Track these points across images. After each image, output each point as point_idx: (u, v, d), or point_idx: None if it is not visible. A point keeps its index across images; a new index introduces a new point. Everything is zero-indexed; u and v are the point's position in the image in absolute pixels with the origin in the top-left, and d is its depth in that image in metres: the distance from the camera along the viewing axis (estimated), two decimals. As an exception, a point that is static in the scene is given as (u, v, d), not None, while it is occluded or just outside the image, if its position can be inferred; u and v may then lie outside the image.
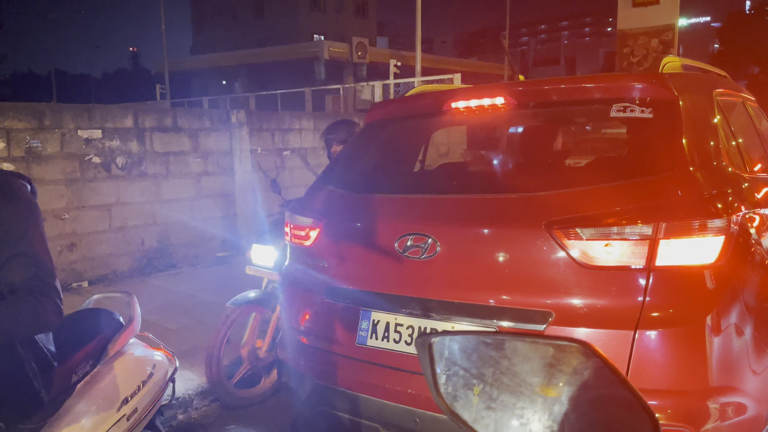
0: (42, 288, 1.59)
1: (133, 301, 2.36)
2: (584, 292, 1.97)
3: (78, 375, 1.97)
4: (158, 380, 2.29)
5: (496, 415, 0.71)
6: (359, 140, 3.10)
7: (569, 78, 2.52)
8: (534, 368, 0.69)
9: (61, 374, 1.86)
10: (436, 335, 0.77)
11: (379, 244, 2.39)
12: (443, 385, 0.75)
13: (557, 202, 2.08)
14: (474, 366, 0.73)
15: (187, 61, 37.39)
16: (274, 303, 3.68)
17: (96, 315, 2.27)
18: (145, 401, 2.16)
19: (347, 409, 2.40)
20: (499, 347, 0.72)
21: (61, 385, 1.86)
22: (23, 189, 1.68)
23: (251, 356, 3.65)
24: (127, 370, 2.17)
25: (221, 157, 7.76)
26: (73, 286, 6.13)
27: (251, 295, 3.66)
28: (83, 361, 2.01)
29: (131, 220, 6.71)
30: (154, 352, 2.39)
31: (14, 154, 5.71)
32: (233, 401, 3.60)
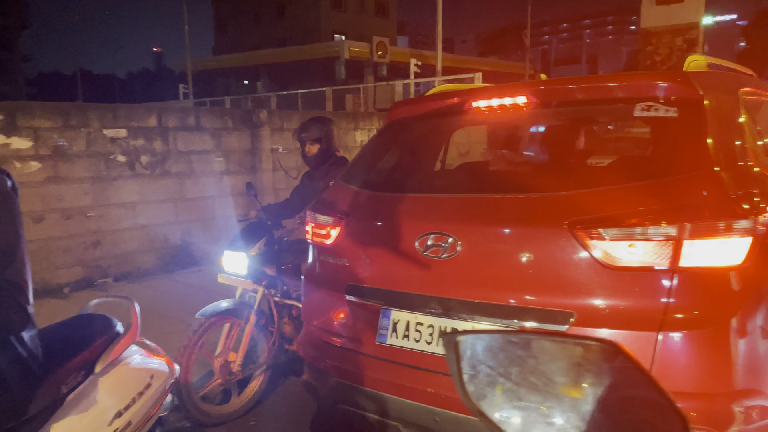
0: (6, 286, 1.50)
1: (133, 307, 2.23)
2: (607, 292, 1.96)
3: (68, 386, 1.83)
4: (156, 391, 2.17)
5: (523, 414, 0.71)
6: (380, 139, 3.11)
7: (592, 77, 2.50)
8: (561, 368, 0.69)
9: (48, 385, 1.74)
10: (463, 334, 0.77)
11: (400, 243, 2.39)
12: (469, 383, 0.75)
13: (580, 202, 2.07)
14: (500, 365, 0.73)
15: (210, 61, 37.76)
16: (249, 313, 3.47)
17: (92, 321, 2.13)
18: (140, 414, 2.05)
19: (367, 407, 2.41)
20: (526, 346, 0.72)
21: (48, 396, 1.74)
22: (1, 182, 1.58)
23: (224, 371, 3.38)
24: (123, 380, 2.04)
25: (243, 156, 7.83)
26: (98, 282, 6.24)
27: (223, 305, 3.40)
28: (74, 371, 1.87)
29: (155, 217, 6.80)
30: (154, 361, 2.26)
31: (41, 152, 5.82)
32: (202, 418, 3.29)
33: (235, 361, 3.42)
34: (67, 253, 6.08)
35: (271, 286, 3.65)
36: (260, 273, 3.55)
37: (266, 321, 3.60)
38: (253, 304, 3.52)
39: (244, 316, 3.48)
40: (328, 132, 3.99)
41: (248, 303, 3.56)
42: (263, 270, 3.57)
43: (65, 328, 2.07)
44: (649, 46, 13.47)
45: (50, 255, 5.95)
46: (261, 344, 3.64)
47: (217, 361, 3.39)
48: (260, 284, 3.55)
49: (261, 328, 3.57)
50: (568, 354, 0.67)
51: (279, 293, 3.71)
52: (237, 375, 3.44)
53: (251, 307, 3.50)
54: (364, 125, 9.93)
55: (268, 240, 3.65)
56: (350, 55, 27.80)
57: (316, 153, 3.97)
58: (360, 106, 19.17)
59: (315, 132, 3.95)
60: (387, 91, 18.00)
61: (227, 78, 40.69)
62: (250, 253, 3.52)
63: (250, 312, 3.48)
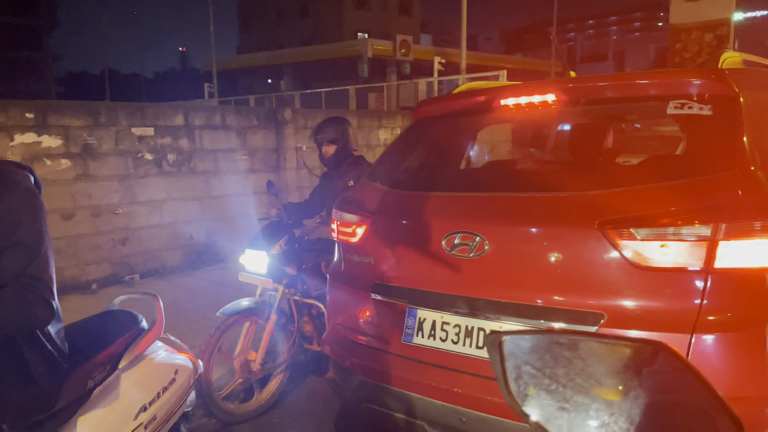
0: (31, 282, 1.51)
1: (158, 303, 2.25)
2: (638, 293, 1.93)
3: (94, 380, 1.87)
4: (181, 386, 2.19)
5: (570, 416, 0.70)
6: (406, 137, 3.10)
7: (623, 74, 2.46)
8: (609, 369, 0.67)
9: (75, 379, 1.77)
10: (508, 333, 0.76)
11: (426, 241, 2.38)
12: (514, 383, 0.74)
13: (610, 201, 2.04)
14: (546, 365, 0.72)
15: (234, 60, 38.09)
16: (269, 312, 3.48)
17: (117, 317, 2.16)
18: (165, 408, 2.07)
19: (392, 406, 2.41)
20: (573, 347, 0.71)
21: (75, 391, 1.77)
22: (24, 179, 1.61)
23: (244, 369, 3.41)
24: (148, 375, 2.07)
25: (267, 154, 7.89)
26: (125, 278, 6.33)
27: (244, 304, 3.42)
28: (100, 365, 1.90)
29: (181, 215, 6.88)
30: (178, 356, 2.28)
31: (71, 150, 5.93)
32: (223, 416, 3.33)
33: (255, 360, 3.43)
34: (96, 250, 6.19)
35: (291, 285, 3.66)
36: (280, 272, 3.56)
37: (286, 320, 3.61)
38: (273, 303, 3.52)
39: (264, 315, 3.49)
40: (344, 132, 3.97)
41: (268, 302, 3.56)
42: (283, 269, 3.57)
43: (92, 324, 2.09)
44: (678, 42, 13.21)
45: (79, 251, 6.06)
46: (281, 343, 3.64)
47: (237, 360, 3.41)
48: (280, 283, 3.55)
49: (281, 327, 3.57)
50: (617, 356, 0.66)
51: (299, 292, 3.71)
52: (257, 374, 3.46)
53: (271, 306, 3.50)
54: (387, 124, 9.93)
55: (288, 239, 3.65)
56: (373, 53, 27.80)
57: (333, 154, 3.97)
58: (383, 105, 19.16)
59: (331, 133, 3.95)
60: (410, 90, 17.98)
61: (251, 77, 41.02)
62: (271, 252, 3.53)
63: (271, 311, 3.48)
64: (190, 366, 2.29)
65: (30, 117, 5.63)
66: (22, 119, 5.59)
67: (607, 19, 72.85)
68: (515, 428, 2.03)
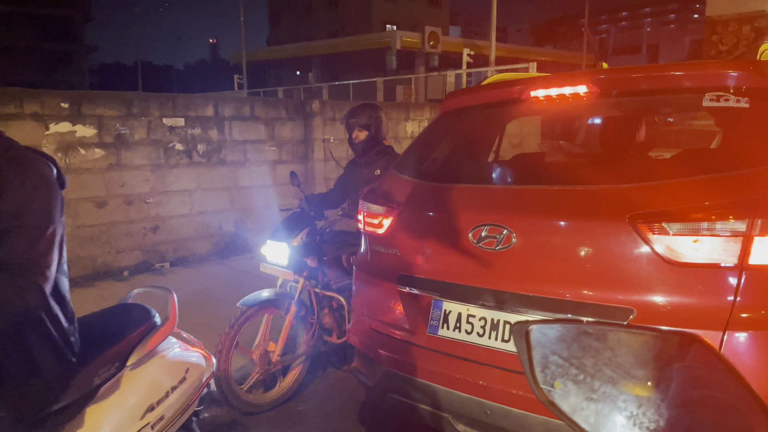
0: (26, 266, 1.47)
1: (171, 299, 2.19)
2: (669, 289, 1.89)
3: (101, 377, 1.81)
4: (191, 385, 2.13)
5: (597, 406, 0.69)
6: (434, 129, 3.08)
7: (657, 65, 2.40)
8: (639, 360, 0.66)
9: (82, 375, 1.72)
10: (535, 323, 0.75)
11: (453, 234, 2.37)
12: (540, 373, 0.74)
13: (642, 195, 2.00)
14: (574, 355, 0.72)
15: (263, 52, 38.32)
16: (289, 303, 3.48)
17: (129, 312, 2.09)
18: (173, 408, 2.01)
19: (417, 397, 2.41)
20: (602, 337, 0.70)
21: (81, 387, 1.72)
22: (43, 166, 1.58)
23: (263, 360, 3.40)
24: (157, 373, 2.01)
25: (295, 145, 7.94)
26: (156, 266, 6.46)
27: (264, 295, 3.41)
28: (108, 362, 1.84)
29: (210, 205, 6.98)
30: (191, 354, 2.22)
31: (105, 140, 6.05)
32: (243, 407, 3.33)
33: (275, 351, 3.43)
34: (128, 238, 6.32)
35: (311, 277, 3.65)
36: (301, 264, 3.56)
37: (306, 312, 3.61)
38: (293, 295, 3.52)
39: (285, 307, 3.48)
40: (377, 119, 3.95)
41: (289, 293, 3.56)
42: (304, 261, 3.56)
43: (103, 317, 2.04)
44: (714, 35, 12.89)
45: (112, 239, 6.19)
46: (300, 335, 3.65)
47: (257, 351, 3.41)
48: (301, 275, 3.55)
49: (301, 319, 3.58)
50: (647, 347, 0.65)
51: (319, 284, 3.71)
52: (276, 365, 3.46)
53: (292, 298, 3.50)
54: (415, 116, 9.90)
55: (310, 231, 3.64)
56: (402, 45, 27.69)
57: (364, 140, 3.95)
58: (411, 97, 19.10)
59: (364, 118, 3.92)
60: (438, 82, 17.87)
61: (280, 69, 41.24)
62: (292, 243, 3.52)
63: (291, 302, 3.48)
64: (203, 364, 2.23)
65: (65, 107, 5.76)
66: (58, 109, 5.72)
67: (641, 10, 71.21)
68: (540, 422, 2.02)
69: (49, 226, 1.52)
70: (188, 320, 4.65)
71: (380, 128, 3.97)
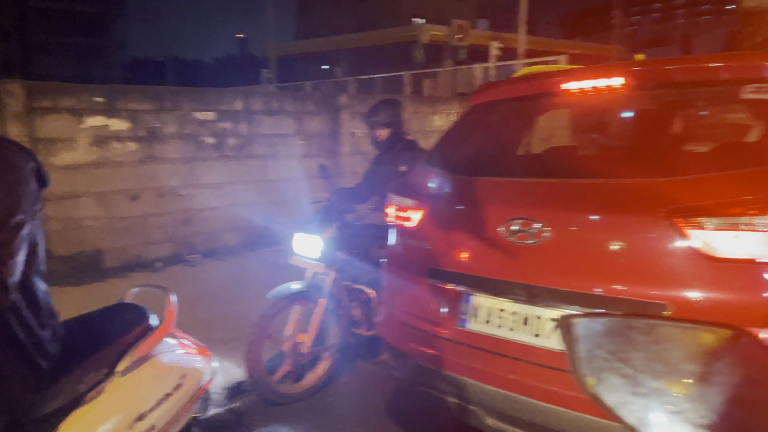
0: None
1: (169, 299, 2.05)
2: (706, 285, 1.86)
3: (86, 384, 1.67)
4: (187, 392, 2.00)
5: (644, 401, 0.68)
6: (463, 122, 3.07)
7: (694, 57, 2.36)
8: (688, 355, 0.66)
9: (64, 383, 1.61)
10: (580, 316, 0.75)
11: (484, 227, 2.37)
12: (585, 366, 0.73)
13: (679, 189, 1.97)
14: (620, 349, 0.71)
15: (290, 47, 38.49)
16: (319, 296, 3.49)
17: (123, 312, 1.96)
18: (166, 417, 1.88)
19: (446, 390, 2.41)
20: (649, 332, 0.69)
21: (64, 395, 1.60)
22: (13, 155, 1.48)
23: (293, 351, 3.43)
24: (148, 380, 1.86)
25: (323, 139, 7.97)
26: (187, 258, 6.56)
27: (294, 287, 3.42)
28: (95, 367, 1.71)
29: (240, 198, 7.06)
30: (189, 358, 2.09)
31: (138, 134, 6.16)
32: (274, 397, 3.35)
33: (305, 343, 3.45)
34: (160, 230, 6.43)
35: (341, 270, 3.65)
36: (332, 257, 3.56)
37: (336, 304, 3.62)
38: (323, 287, 3.53)
39: (315, 299, 3.49)
40: (398, 115, 3.91)
41: (318, 286, 3.56)
42: (335, 254, 3.57)
43: (93, 319, 1.91)
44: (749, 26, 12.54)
45: (145, 231, 6.31)
46: (330, 327, 3.66)
47: (287, 343, 3.43)
48: (331, 268, 3.56)
49: (330, 311, 3.59)
50: (696, 342, 0.64)
51: (349, 277, 3.71)
52: (306, 356, 3.48)
53: (321, 290, 3.51)
54: (442, 110, 9.85)
55: (340, 224, 3.65)
56: (429, 38, 27.51)
57: (387, 137, 3.93)
58: (438, 91, 19.01)
59: (385, 116, 3.89)
60: (466, 75, 17.75)
61: (307, 63, 41.37)
62: (324, 236, 3.53)
63: (320, 295, 3.49)
64: (201, 369, 2.11)
65: (99, 101, 5.88)
66: (92, 103, 5.84)
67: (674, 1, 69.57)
68: (571, 417, 2.01)
69: (15, 215, 1.39)
70: (219, 311, 4.73)
71: (402, 124, 3.94)
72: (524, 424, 2.17)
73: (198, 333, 2.18)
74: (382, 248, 3.70)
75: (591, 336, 0.73)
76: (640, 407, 0.69)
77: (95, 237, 5.98)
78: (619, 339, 0.71)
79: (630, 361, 0.70)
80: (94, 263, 5.96)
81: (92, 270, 5.89)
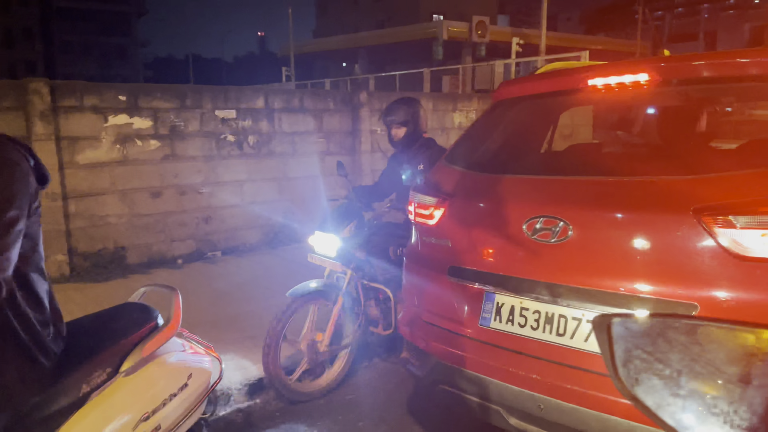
0: None
1: (176, 299, 2.03)
2: (735, 284, 1.82)
3: (91, 384, 1.66)
4: (194, 391, 1.98)
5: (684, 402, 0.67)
6: (485, 119, 3.05)
7: (721, 52, 2.31)
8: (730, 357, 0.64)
9: (68, 383, 1.60)
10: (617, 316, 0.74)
11: (506, 225, 2.35)
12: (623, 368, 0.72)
13: (706, 187, 1.93)
14: (659, 350, 0.70)
15: (310, 44, 38.61)
16: (336, 295, 3.50)
17: (130, 312, 1.95)
18: (171, 417, 1.86)
19: (468, 389, 2.40)
20: (690, 333, 0.68)
21: (66, 396, 1.59)
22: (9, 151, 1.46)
23: (310, 350, 3.43)
24: (153, 380, 1.84)
25: (343, 137, 7.98)
26: (208, 255, 6.62)
27: (312, 286, 3.42)
28: (99, 367, 1.70)
29: (260, 195, 7.11)
30: (196, 358, 2.08)
31: (160, 131, 6.22)
32: (291, 396, 3.37)
33: (322, 342, 3.45)
34: (182, 227, 6.50)
35: (359, 269, 3.65)
36: (350, 256, 3.55)
37: (353, 303, 3.61)
38: (340, 286, 3.53)
39: (332, 298, 3.50)
40: (415, 114, 3.89)
41: (336, 284, 3.57)
42: (352, 253, 3.56)
43: (99, 319, 1.91)
44: (777, 20, 12.30)
45: (166, 228, 6.38)
46: (347, 326, 3.66)
47: (304, 341, 3.43)
48: (349, 267, 3.55)
49: (348, 310, 3.58)
50: (739, 342, 0.62)
51: (367, 276, 3.70)
52: (323, 355, 3.48)
53: (339, 289, 3.51)
54: (462, 107, 9.80)
55: (358, 223, 3.63)
56: (449, 35, 27.41)
57: (404, 136, 3.90)
58: (458, 87, 18.93)
59: (401, 115, 3.86)
60: (486, 72, 17.63)
61: (327, 60, 41.47)
62: (341, 235, 3.51)
63: (338, 294, 3.49)
64: (208, 368, 2.09)
65: (122, 99, 5.95)
66: (116, 101, 5.91)
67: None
68: (595, 418, 1.98)
69: (9, 210, 1.38)
70: (239, 308, 4.76)
71: (419, 122, 3.91)
72: (548, 423, 2.15)
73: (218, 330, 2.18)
74: (400, 247, 3.69)
75: (629, 336, 0.71)
76: (680, 409, 0.67)
77: (118, 234, 6.07)
78: (658, 339, 0.70)
79: (670, 362, 0.68)
80: (117, 260, 6.04)
81: (115, 266, 5.97)
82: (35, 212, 1.52)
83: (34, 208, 1.51)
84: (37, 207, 1.52)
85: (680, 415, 0.67)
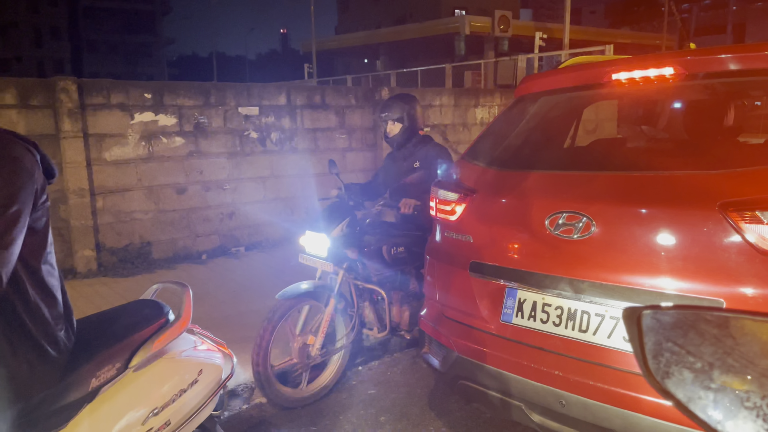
0: None
1: (187, 295, 2.04)
2: (761, 281, 1.80)
3: (100, 379, 1.68)
4: (204, 387, 1.97)
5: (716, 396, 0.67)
6: (507, 115, 3.03)
7: (750, 45, 2.26)
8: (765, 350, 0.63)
9: (77, 376, 1.61)
10: (647, 308, 0.73)
11: (528, 221, 2.34)
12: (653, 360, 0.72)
13: (733, 182, 1.90)
14: (691, 343, 0.69)
15: (331, 41, 38.68)
16: (328, 296, 3.35)
17: (142, 308, 1.96)
18: (182, 412, 1.86)
19: (489, 384, 2.40)
20: (723, 325, 0.67)
21: (76, 390, 1.60)
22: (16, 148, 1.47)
23: (302, 354, 3.29)
24: (163, 375, 1.86)
25: (365, 133, 8.00)
26: (231, 250, 6.69)
27: (303, 287, 3.26)
28: (108, 362, 1.71)
29: (282, 191, 7.16)
30: (207, 354, 2.07)
31: (185, 129, 6.31)
32: (281, 401, 3.23)
33: (314, 345, 3.33)
34: (206, 223, 6.58)
35: (352, 270, 3.53)
36: (341, 256, 3.42)
37: (346, 305, 3.50)
38: (333, 287, 3.39)
39: (324, 299, 3.37)
40: (411, 110, 3.82)
41: (328, 286, 3.42)
42: (344, 253, 3.43)
43: (111, 315, 1.92)
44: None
45: (191, 224, 6.47)
46: (340, 328, 3.55)
47: (296, 344, 3.31)
48: (341, 267, 3.41)
49: (340, 311, 3.48)
50: None
51: (360, 277, 3.58)
52: (315, 359, 3.35)
53: (331, 290, 3.37)
54: (484, 102, 9.75)
55: (350, 222, 3.47)
56: (471, 30, 27.22)
57: (398, 133, 3.85)
58: (480, 83, 18.81)
59: (396, 111, 3.81)
60: (509, 67, 17.50)
61: (348, 57, 41.52)
62: (332, 234, 3.36)
63: (330, 295, 3.36)
64: (220, 364, 2.08)
65: (148, 97, 6.04)
66: (141, 99, 6.00)
67: (727, -13, 66.91)
68: (618, 414, 1.97)
69: (12, 205, 1.38)
70: (262, 304, 4.81)
71: (415, 119, 3.85)
72: (570, 420, 2.14)
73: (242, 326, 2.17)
74: (394, 246, 3.63)
75: (659, 328, 0.71)
76: (711, 403, 0.67)
77: (144, 230, 6.17)
78: (690, 332, 0.69)
79: (702, 354, 0.68)
80: (143, 255, 6.15)
81: (141, 261, 6.08)
82: (42, 206, 1.53)
83: (41, 203, 1.52)
84: (44, 201, 1.54)
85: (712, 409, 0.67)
